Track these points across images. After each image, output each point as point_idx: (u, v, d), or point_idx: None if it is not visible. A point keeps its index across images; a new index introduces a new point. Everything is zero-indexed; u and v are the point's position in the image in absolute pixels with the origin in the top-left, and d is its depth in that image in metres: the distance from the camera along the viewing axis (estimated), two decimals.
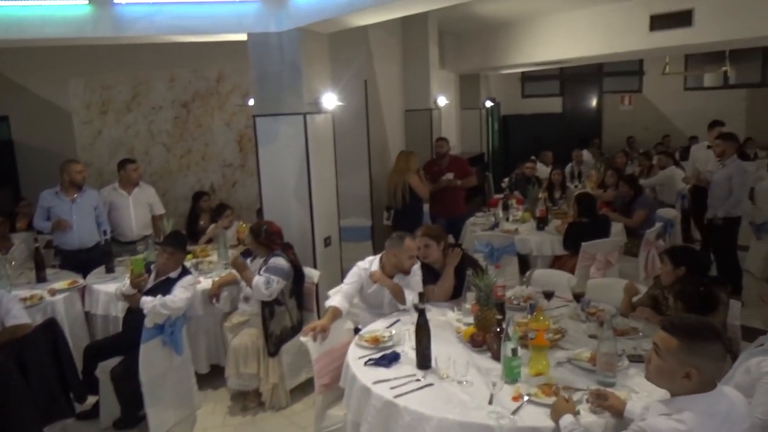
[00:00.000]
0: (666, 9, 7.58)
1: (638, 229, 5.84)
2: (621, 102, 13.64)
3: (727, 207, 5.71)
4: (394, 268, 3.71)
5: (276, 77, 4.80)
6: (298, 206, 4.90)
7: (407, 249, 3.68)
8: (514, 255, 5.42)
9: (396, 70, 7.95)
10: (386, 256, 3.74)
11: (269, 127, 4.89)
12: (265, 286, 3.97)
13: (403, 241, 3.70)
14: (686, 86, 13.06)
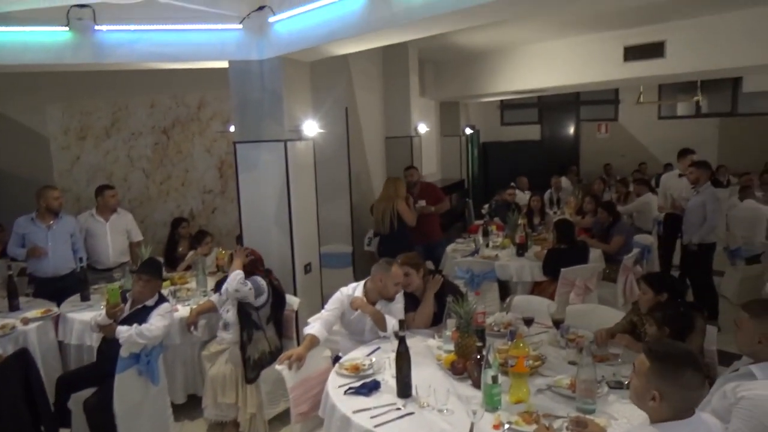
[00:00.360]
0: (639, 41, 7.82)
1: (616, 255, 5.91)
2: (598, 130, 13.92)
3: (701, 233, 5.80)
4: (378, 294, 3.70)
5: (257, 104, 4.81)
6: (278, 233, 4.88)
7: (394, 275, 3.68)
8: (494, 281, 5.44)
9: (377, 97, 8.03)
10: (372, 282, 3.74)
11: (250, 154, 4.89)
12: (240, 282, 3.96)
13: (390, 267, 3.70)
14: (660, 115, 13.37)
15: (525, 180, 9.80)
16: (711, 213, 5.76)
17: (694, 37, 7.39)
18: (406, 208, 6.16)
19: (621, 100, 13.61)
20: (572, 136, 14.27)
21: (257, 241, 4.82)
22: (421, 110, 9.04)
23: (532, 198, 7.51)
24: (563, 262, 5.12)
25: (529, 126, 14.35)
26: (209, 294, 4.73)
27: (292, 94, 4.84)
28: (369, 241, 6.49)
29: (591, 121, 13.98)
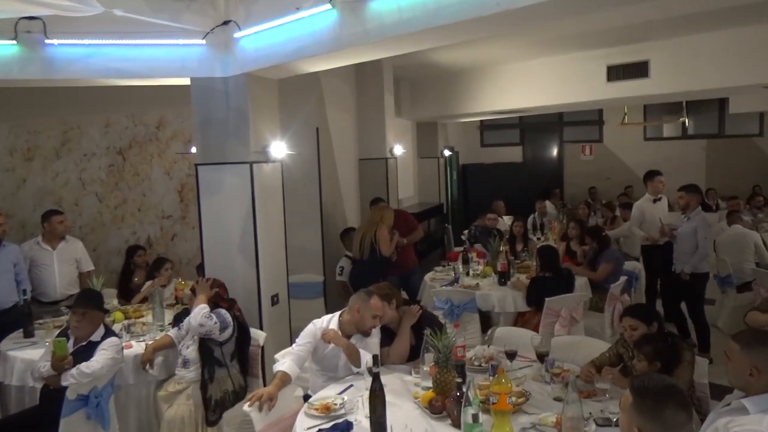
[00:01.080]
0: (622, 60, 8.05)
1: (603, 283, 5.98)
2: (582, 152, 14.20)
3: (693, 261, 5.89)
4: (354, 327, 3.69)
5: (221, 124, 4.81)
6: (243, 261, 4.84)
7: (374, 307, 3.67)
8: (475, 312, 5.45)
9: (349, 117, 8.09)
10: (348, 313, 3.72)
11: (213, 177, 4.87)
12: (205, 317, 3.92)
13: (370, 297, 3.69)
14: (646, 136, 13.72)
15: (501, 204, 9.89)
16: (702, 240, 5.84)
17: (678, 56, 7.63)
18: (385, 236, 6.18)
19: (605, 120, 13.93)
20: (555, 158, 14.52)
21: (220, 271, 4.77)
22: (397, 131, 9.12)
23: (514, 223, 7.58)
24: (547, 291, 5.16)
25: (511, 148, 14.58)
26: (167, 328, 4.66)
27: (259, 113, 4.84)
28: (341, 270, 6.47)
29: (575, 143, 14.27)
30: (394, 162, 8.51)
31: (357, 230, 6.44)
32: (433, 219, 11.15)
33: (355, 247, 6.23)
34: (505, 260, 6.01)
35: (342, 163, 7.72)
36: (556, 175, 14.32)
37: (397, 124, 9.42)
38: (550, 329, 5.01)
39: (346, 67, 7.68)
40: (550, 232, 8.92)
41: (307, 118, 6.79)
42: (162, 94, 5.79)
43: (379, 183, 8.12)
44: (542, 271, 5.55)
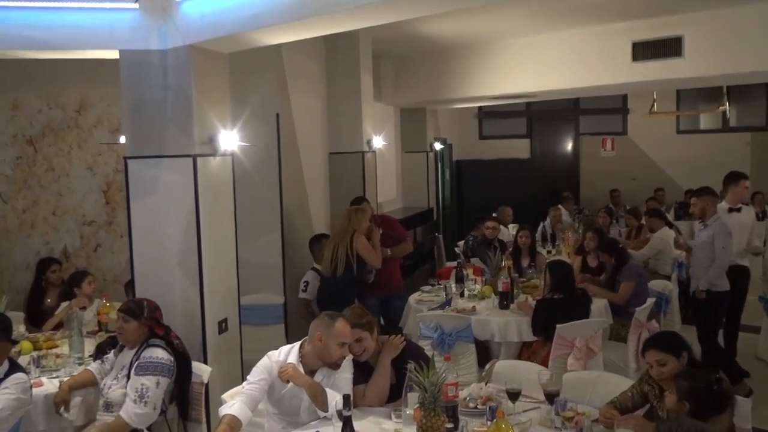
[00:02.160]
0: (651, 35, 8.12)
1: (626, 307, 6.03)
2: (602, 146, 14.34)
3: (710, 276, 6.03)
4: (318, 359, 3.69)
5: (158, 108, 4.78)
6: (183, 278, 4.81)
7: (338, 333, 3.67)
8: (470, 342, 5.45)
9: (318, 101, 8.09)
10: (310, 343, 3.72)
11: (146, 173, 4.83)
12: (141, 405, 3.85)
13: (334, 321, 3.69)
14: (679, 128, 13.90)
15: (509, 211, 9.96)
16: (720, 250, 5.98)
17: (718, 31, 7.71)
18: (366, 246, 6.17)
19: (630, 109, 14.09)
20: (570, 153, 14.64)
21: (155, 290, 4.73)
22: (377, 119, 9.13)
23: (519, 233, 7.62)
24: (559, 316, 5.19)
25: (516, 141, 14.68)
26: (87, 362, 4.61)
27: (205, 96, 4.82)
28: (305, 285, 6.45)
29: (593, 136, 14.40)
30: (373, 157, 8.51)
31: (328, 241, 6.43)
32: (420, 227, 11.17)
33: (326, 262, 6.21)
34: (508, 278, 6.03)
35: (308, 157, 7.71)
36: (571, 175, 14.44)
37: (377, 110, 9.43)
38: (561, 363, 5.03)
39: (313, 41, 7.67)
40: (562, 243, 8.98)
41: (265, 102, 6.76)
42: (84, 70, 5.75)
43: (353, 182, 8.11)
44: (552, 291, 5.57)
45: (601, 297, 6.14)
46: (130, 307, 4.21)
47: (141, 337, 4.15)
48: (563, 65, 8.85)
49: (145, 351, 4.05)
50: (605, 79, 8.61)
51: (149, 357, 4.02)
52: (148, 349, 4.06)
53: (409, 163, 11.79)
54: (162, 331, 4.20)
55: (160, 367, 3.98)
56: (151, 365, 3.98)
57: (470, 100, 11.16)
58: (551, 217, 9.99)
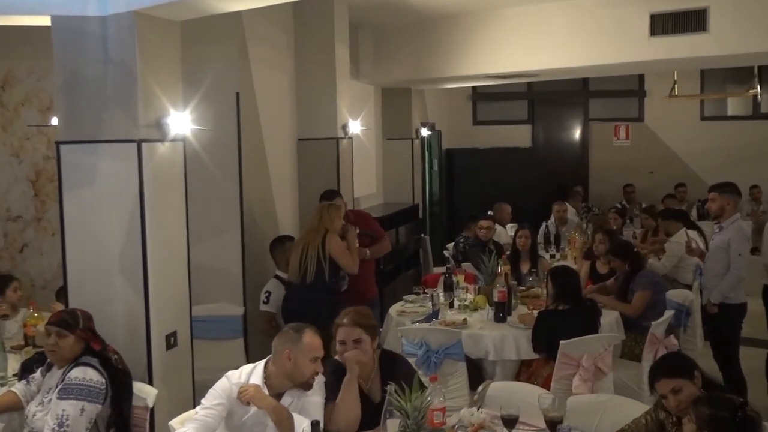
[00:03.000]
0: (671, 7, 8.17)
1: (641, 320, 6.07)
2: (615, 135, 14.40)
3: (723, 288, 6.09)
4: (287, 380, 3.70)
5: (96, 84, 4.74)
6: (125, 285, 4.78)
7: (308, 347, 3.69)
8: (460, 360, 5.47)
9: (285, 78, 8.07)
10: (275, 363, 3.73)
11: (83, 161, 4.79)
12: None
13: (301, 335, 3.70)
14: (704, 114, 13.99)
15: (507, 208, 9.98)
16: (736, 258, 6.04)
17: (750, 3, 7.77)
18: (341, 248, 6.17)
19: (647, 91, 14.18)
20: (578, 142, 14.71)
21: (91, 299, 4.70)
22: (354, 100, 9.12)
23: (518, 233, 7.64)
24: (563, 330, 5.22)
25: (515, 127, 14.72)
26: (10, 382, 4.59)
27: (153, 71, 4.79)
28: (267, 296, 6.44)
29: (605, 122, 14.48)
30: (349, 144, 8.51)
31: (295, 242, 6.42)
32: (403, 227, 11.16)
33: (294, 266, 6.20)
34: (505, 286, 6.05)
35: (274, 144, 7.69)
36: (579, 167, 14.49)
37: (355, 89, 9.42)
38: (565, 385, 5.06)
39: (280, 7, 7.64)
40: (568, 246, 9.01)
41: (223, 79, 6.73)
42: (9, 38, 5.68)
43: (326, 173, 8.10)
44: (555, 302, 5.60)
45: (611, 309, 6.18)
46: (63, 319, 4.16)
47: (76, 353, 4.12)
48: (570, 40, 8.88)
49: (73, 371, 4.02)
50: (619, 57, 8.65)
51: (76, 378, 3.99)
52: (78, 369, 4.03)
53: (391, 151, 11.80)
54: (98, 346, 4.18)
55: (86, 390, 3.96)
56: (77, 388, 3.95)
57: (463, 79, 11.17)
58: (555, 214, 10.02)
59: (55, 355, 4.13)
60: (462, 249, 8.50)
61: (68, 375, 4.00)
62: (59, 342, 4.09)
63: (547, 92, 14.44)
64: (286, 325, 3.92)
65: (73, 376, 3.98)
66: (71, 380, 3.97)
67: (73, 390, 3.93)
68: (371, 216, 7.40)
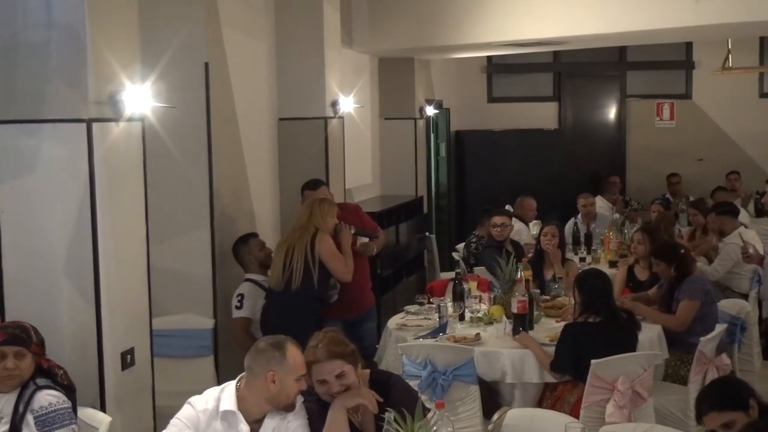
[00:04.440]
0: None
1: (687, 335, 6.07)
2: (657, 114, 14.42)
3: None
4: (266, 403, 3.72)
5: (37, 53, 4.73)
6: (72, 292, 4.77)
7: (295, 366, 3.71)
8: (472, 383, 5.48)
9: (264, 47, 8.06)
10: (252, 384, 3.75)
11: (20, 145, 4.78)
12: None
13: (285, 353, 3.71)
14: (763, 90, 14.01)
15: (531, 203, 9.92)
16: None
17: None
18: (334, 252, 6.17)
19: (696, 63, 14.19)
20: (613, 123, 14.71)
21: (30, 308, 4.68)
22: (346, 72, 9.11)
23: (543, 231, 7.62)
24: (594, 347, 5.22)
25: (539, 104, 14.72)
26: None
27: (105, 37, 4.78)
28: (240, 300, 6.43)
29: (645, 99, 14.48)
30: (340, 125, 8.50)
31: (279, 242, 6.43)
32: (404, 224, 11.13)
33: (276, 270, 6.20)
34: (526, 295, 6.04)
35: (250, 124, 7.68)
36: (614, 153, 14.47)
37: (347, 60, 9.41)
38: (597, 412, 5.07)
39: None
40: (601, 248, 9.00)
41: (189, 46, 6.71)
42: None
43: (312, 160, 8.10)
44: (584, 313, 5.60)
45: (652, 322, 6.18)
46: (17, 336, 4.14)
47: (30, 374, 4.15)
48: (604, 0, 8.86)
49: (40, 398, 4.07)
50: (661, 21, 8.63)
51: (51, 405, 4.06)
52: (44, 395, 4.08)
53: (390, 134, 11.78)
54: (46, 363, 4.23)
55: (65, 414, 4.05)
56: (58, 416, 4.04)
57: (476, 47, 11.13)
58: (581, 209, 10.00)
59: (13, 381, 4.11)
60: (474, 250, 8.50)
61: (37, 405, 4.04)
62: (20, 364, 4.09)
63: (577, 64, 14.44)
64: (260, 339, 3.90)
65: (46, 404, 4.05)
66: (47, 410, 4.04)
67: (56, 419, 4.02)
68: (362, 209, 7.38)
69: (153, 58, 5.84)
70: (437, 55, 12.34)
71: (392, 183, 11.76)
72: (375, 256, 7.44)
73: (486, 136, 13.97)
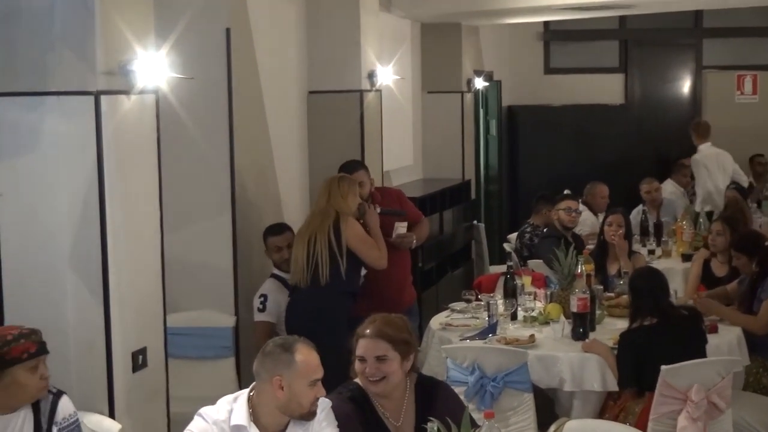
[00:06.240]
0: None
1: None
2: (737, 87, 14.30)
3: None
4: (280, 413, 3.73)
5: (39, 19, 4.75)
6: (78, 287, 4.80)
7: (305, 369, 3.70)
8: (526, 390, 5.48)
9: (292, 11, 8.08)
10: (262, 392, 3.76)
11: (20, 120, 4.80)
12: None
13: (293, 354, 3.72)
14: None
15: (603, 190, 9.81)
16: None
17: None
18: (362, 236, 6.18)
19: None
20: (687, 98, 14.61)
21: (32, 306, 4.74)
22: (384, 40, 9.10)
23: (607, 220, 7.57)
24: (653, 353, 5.21)
25: (603, 77, 14.67)
26: None
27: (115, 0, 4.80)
28: (263, 301, 6.44)
29: (724, 70, 14.37)
30: (377, 99, 8.51)
31: (299, 232, 6.42)
32: (449, 211, 11.13)
33: (298, 264, 6.20)
34: (587, 292, 6.02)
35: (276, 98, 7.70)
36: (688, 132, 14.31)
37: (386, 25, 9.40)
38: (668, 425, 5.05)
39: None
40: (673, 239, 8.94)
41: (208, 10, 6.75)
42: None
43: (346, 139, 8.11)
44: (637, 317, 5.58)
45: (732, 323, 6.14)
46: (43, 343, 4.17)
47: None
48: None
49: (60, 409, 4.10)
50: None
51: (69, 417, 4.11)
52: (62, 405, 4.12)
53: (434, 109, 11.78)
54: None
55: (79, 425, 4.12)
56: (76, 427, 4.11)
57: (531, 11, 11.11)
58: (644, 195, 9.94)
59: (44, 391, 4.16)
60: (528, 241, 8.48)
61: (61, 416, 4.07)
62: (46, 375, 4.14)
63: (646, 30, 14.39)
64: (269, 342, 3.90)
65: (68, 414, 4.10)
66: (68, 420, 4.09)
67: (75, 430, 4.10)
68: (404, 194, 7.36)
69: (168, 23, 5.86)
70: (487, 20, 12.32)
71: (436, 165, 11.75)
72: (416, 248, 7.42)
73: (542, 113, 13.95)
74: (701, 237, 8.33)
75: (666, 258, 8.39)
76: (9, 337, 3.97)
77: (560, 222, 8.12)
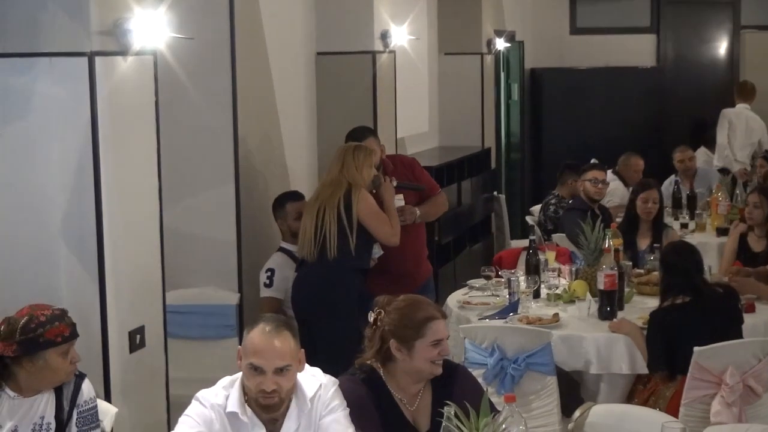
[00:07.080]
0: None
1: None
2: None
3: None
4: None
5: None
6: (70, 260, 4.82)
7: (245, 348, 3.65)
8: (549, 373, 5.48)
9: None
10: None
11: (11, 83, 4.81)
12: None
13: (249, 331, 3.69)
14: None
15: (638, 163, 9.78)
16: None
17: None
18: (375, 210, 6.18)
19: None
20: (724, 60, 14.56)
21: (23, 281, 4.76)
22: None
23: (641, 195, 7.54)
24: (688, 332, 5.21)
25: (633, 37, 14.65)
26: None
27: None
28: (269, 275, 6.45)
29: (764, 30, 14.30)
30: (390, 61, 8.50)
31: (308, 203, 6.44)
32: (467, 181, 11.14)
33: (306, 237, 6.21)
34: (615, 268, 6.02)
35: (282, 59, 7.70)
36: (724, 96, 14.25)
37: None
38: (701, 411, 5.05)
39: None
40: (707, 212, 8.92)
41: None
42: None
43: (357, 103, 8.11)
44: (668, 294, 5.57)
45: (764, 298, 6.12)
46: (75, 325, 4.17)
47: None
48: None
49: (82, 392, 4.12)
50: None
51: (90, 401, 4.14)
52: (85, 388, 4.14)
53: (451, 72, 11.77)
54: None
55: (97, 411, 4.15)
56: (95, 413, 4.14)
57: None
58: (677, 165, 9.90)
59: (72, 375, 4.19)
60: (553, 214, 8.48)
61: (82, 399, 4.09)
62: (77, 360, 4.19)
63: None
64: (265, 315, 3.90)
65: (89, 397, 4.13)
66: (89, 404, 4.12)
67: (94, 416, 4.13)
68: (419, 164, 7.34)
69: None
70: None
71: (453, 132, 11.74)
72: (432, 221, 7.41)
73: (568, 76, 13.93)
74: (737, 209, 8.32)
75: (700, 232, 8.39)
76: (42, 318, 3.96)
77: (586, 193, 8.12)
